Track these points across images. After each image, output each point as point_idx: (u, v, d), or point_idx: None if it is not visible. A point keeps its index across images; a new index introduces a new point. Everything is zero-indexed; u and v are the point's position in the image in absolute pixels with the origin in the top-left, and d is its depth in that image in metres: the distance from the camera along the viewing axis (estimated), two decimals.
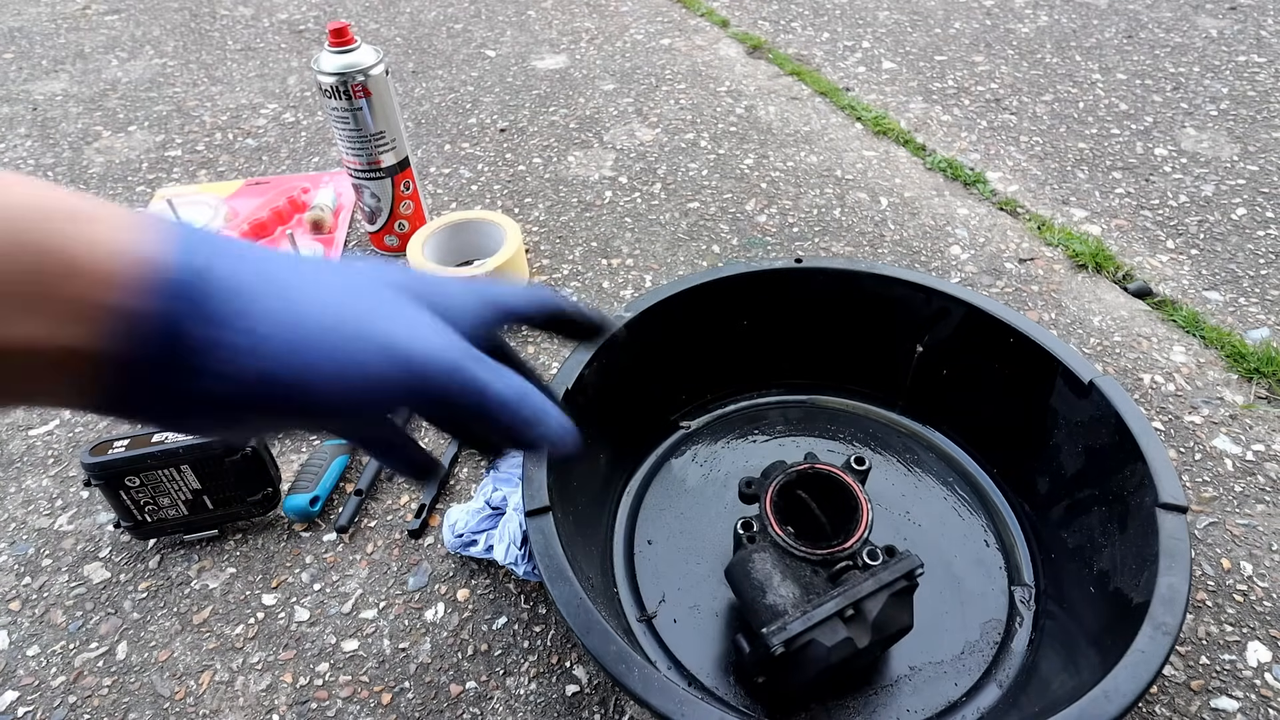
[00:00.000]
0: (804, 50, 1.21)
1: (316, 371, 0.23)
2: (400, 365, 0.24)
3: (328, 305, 0.23)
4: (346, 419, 0.25)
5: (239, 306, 0.21)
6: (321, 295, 0.23)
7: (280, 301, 0.22)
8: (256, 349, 0.22)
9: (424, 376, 0.24)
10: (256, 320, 0.22)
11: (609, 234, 0.83)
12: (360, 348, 0.23)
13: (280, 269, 0.23)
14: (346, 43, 0.69)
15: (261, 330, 0.22)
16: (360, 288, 0.25)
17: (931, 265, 0.77)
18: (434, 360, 0.25)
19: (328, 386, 0.23)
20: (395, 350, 0.24)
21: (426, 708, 0.46)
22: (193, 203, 0.86)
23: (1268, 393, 0.63)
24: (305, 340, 0.22)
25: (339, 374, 0.23)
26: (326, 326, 0.23)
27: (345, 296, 0.24)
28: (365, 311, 0.24)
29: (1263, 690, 0.45)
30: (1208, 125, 0.97)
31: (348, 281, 0.25)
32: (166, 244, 0.21)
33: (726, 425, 0.60)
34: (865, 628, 0.39)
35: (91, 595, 0.53)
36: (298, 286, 0.23)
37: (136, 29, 1.36)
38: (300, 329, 0.22)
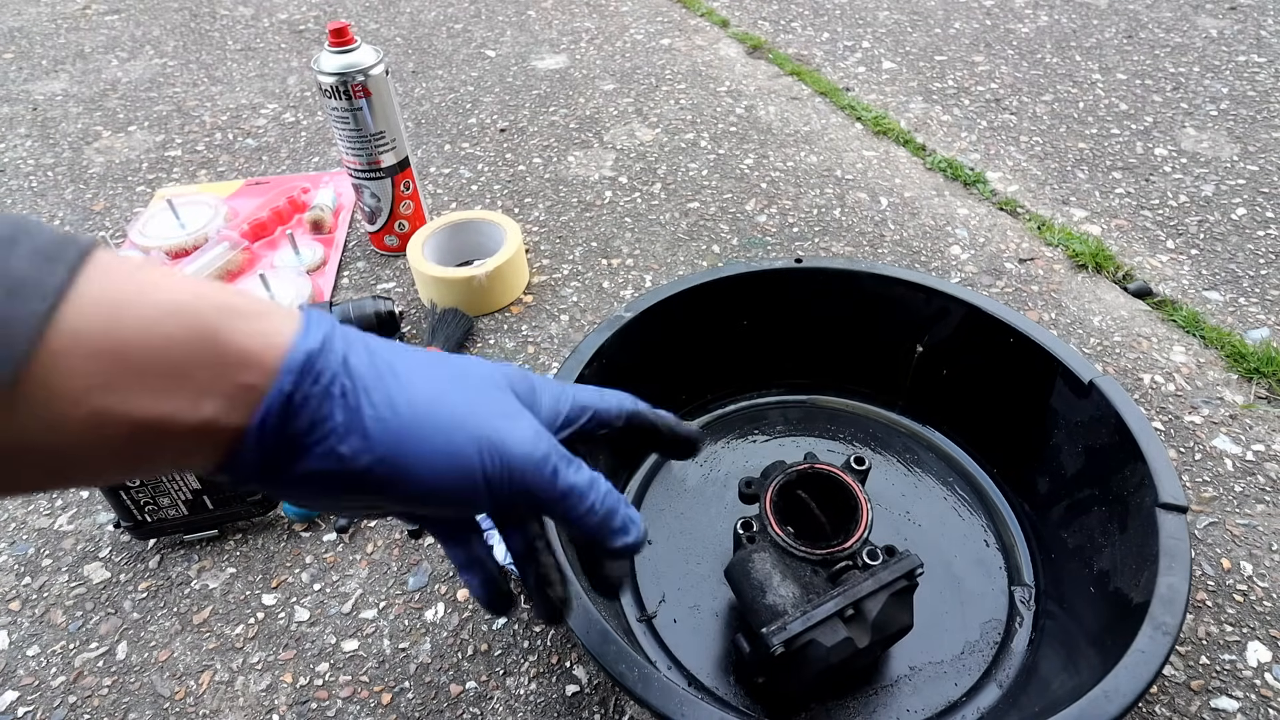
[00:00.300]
0: (804, 50, 1.21)
1: (415, 452, 0.25)
2: (494, 456, 0.26)
3: (434, 395, 0.26)
4: (439, 505, 0.27)
5: (358, 388, 0.24)
6: (430, 386, 0.26)
7: (393, 388, 0.25)
8: (365, 427, 0.24)
9: (515, 468, 0.27)
10: (370, 402, 0.25)
11: (609, 234, 0.83)
12: (458, 437, 0.26)
13: (400, 361, 0.26)
14: (346, 43, 0.69)
15: (370, 412, 0.24)
16: (466, 380, 0.27)
17: (931, 265, 0.77)
18: (527, 454, 0.27)
19: (423, 465, 0.25)
20: (490, 441, 0.26)
21: (426, 708, 0.46)
22: (193, 203, 0.86)
23: (1268, 393, 0.63)
24: (409, 423, 0.25)
25: (434, 456, 0.25)
26: (430, 414, 0.26)
27: (451, 387, 0.27)
28: (466, 403, 0.27)
29: (1263, 690, 0.45)
30: (1208, 125, 0.97)
31: (455, 373, 0.27)
32: (314, 337, 0.24)
33: (726, 425, 0.60)
34: (865, 628, 0.39)
35: (91, 595, 0.53)
36: (410, 376, 0.26)
37: (136, 29, 1.36)
38: (406, 412, 0.25)
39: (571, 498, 0.28)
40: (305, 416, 0.23)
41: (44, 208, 0.91)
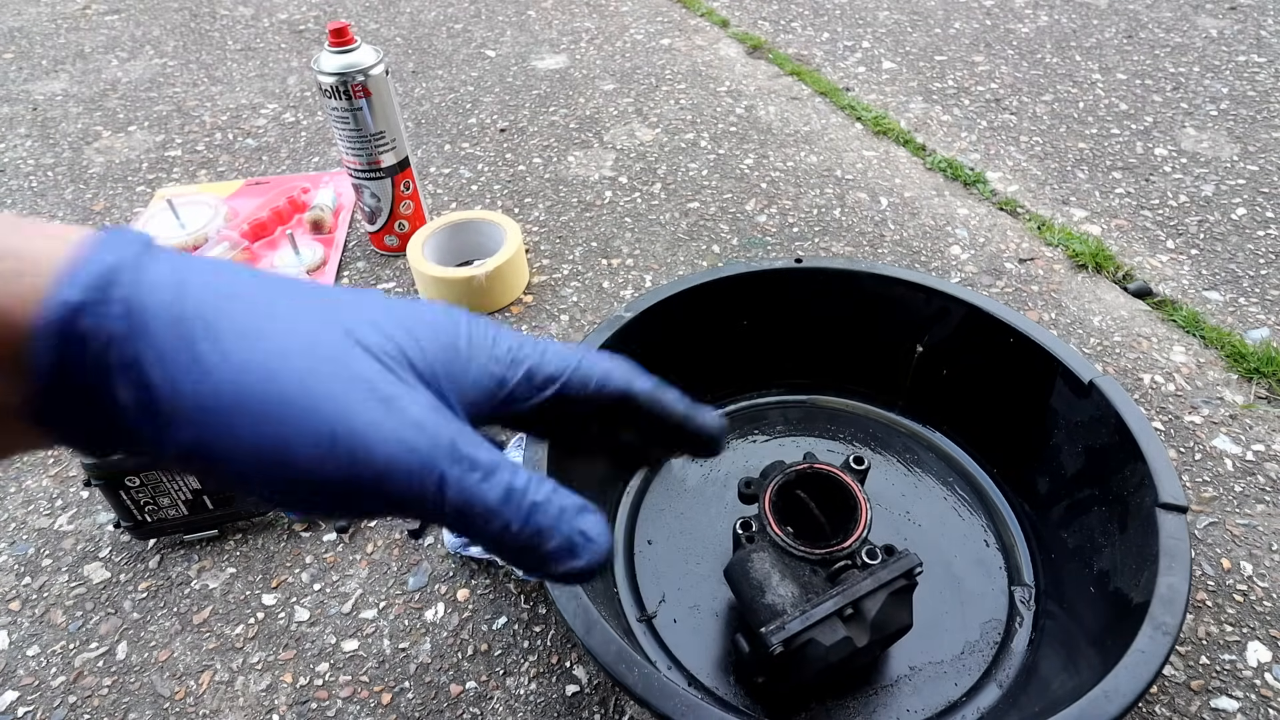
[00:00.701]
0: (804, 50, 1.21)
1: (234, 447, 0.18)
2: (343, 466, 0.19)
3: (266, 361, 0.18)
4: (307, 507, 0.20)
5: (147, 353, 0.17)
6: (264, 348, 0.18)
7: (204, 351, 0.18)
8: (158, 408, 0.18)
9: (378, 475, 0.19)
10: (164, 375, 0.18)
11: (609, 234, 0.83)
12: (291, 437, 0.18)
13: (228, 306, 0.18)
14: (346, 43, 0.69)
15: (165, 389, 0.18)
16: (326, 338, 0.19)
17: (931, 265, 0.77)
18: (391, 457, 0.19)
19: (257, 479, 0.18)
20: (337, 436, 0.18)
21: (426, 708, 0.46)
22: (193, 203, 0.86)
23: (1268, 393, 0.63)
24: (224, 404, 0.18)
25: (262, 466, 0.18)
26: (255, 391, 0.18)
27: (299, 348, 0.19)
28: (312, 373, 0.18)
29: (1263, 690, 0.45)
30: (1208, 125, 0.97)
31: (314, 325, 0.19)
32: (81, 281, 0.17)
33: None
34: (864, 627, 0.39)
35: (91, 595, 0.53)
36: (240, 329, 0.18)
37: (136, 29, 1.36)
38: (218, 388, 0.18)
39: (472, 517, 0.20)
40: (87, 398, 0.17)
41: (44, 208, 0.91)
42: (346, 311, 0.20)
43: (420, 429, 0.19)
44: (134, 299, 0.17)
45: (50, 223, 0.18)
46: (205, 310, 0.18)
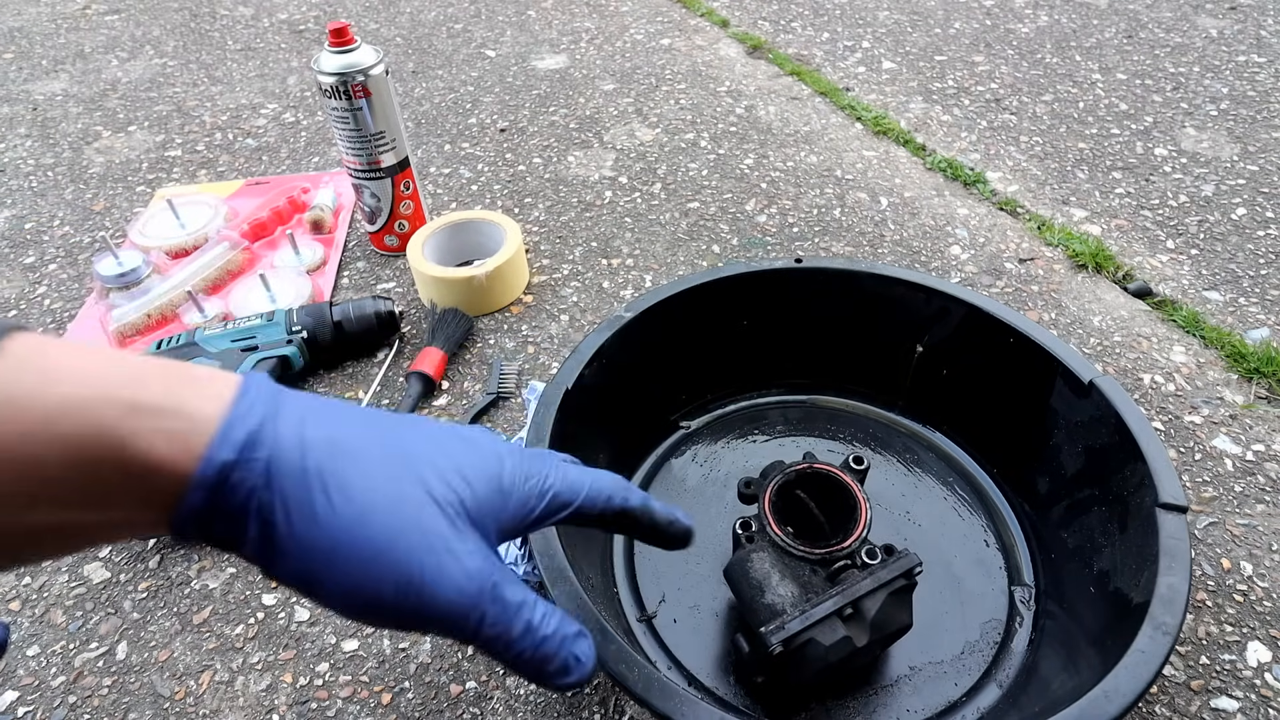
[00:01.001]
0: (804, 50, 1.21)
1: (330, 580, 0.24)
2: (411, 599, 0.24)
3: (360, 517, 0.23)
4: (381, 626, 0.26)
5: (276, 505, 0.23)
6: (360, 502, 0.24)
7: (318, 505, 0.23)
8: (279, 546, 0.23)
9: (435, 614, 0.25)
10: (287, 521, 0.23)
11: (609, 234, 0.83)
12: (377, 572, 0.24)
13: (336, 465, 0.24)
14: (346, 43, 0.69)
15: (284, 531, 0.23)
16: (403, 498, 0.24)
17: (931, 265, 0.77)
18: (450, 602, 0.25)
19: (338, 594, 0.24)
20: (410, 584, 0.24)
21: (426, 708, 0.46)
22: (193, 203, 0.86)
23: (1268, 393, 0.63)
24: (326, 550, 0.23)
25: (349, 588, 0.24)
26: (351, 541, 0.23)
27: (385, 506, 0.24)
28: (395, 530, 0.24)
29: (1263, 690, 0.45)
30: (1208, 125, 0.97)
31: (395, 486, 0.24)
32: (234, 439, 0.22)
33: (726, 425, 0.60)
34: (864, 626, 0.39)
35: (91, 595, 0.53)
36: (342, 487, 0.23)
37: (136, 29, 1.36)
38: (325, 536, 0.23)
39: (499, 644, 0.26)
40: (220, 526, 0.22)
41: (44, 208, 0.91)
42: (423, 464, 0.26)
43: (472, 578, 0.25)
44: (272, 457, 0.23)
45: (202, 373, 0.23)
46: (321, 467, 0.23)
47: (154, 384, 0.22)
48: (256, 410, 0.23)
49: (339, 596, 0.24)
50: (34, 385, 0.20)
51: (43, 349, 0.21)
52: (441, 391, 0.66)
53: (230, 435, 0.22)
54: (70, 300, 0.78)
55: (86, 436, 0.20)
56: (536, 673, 0.27)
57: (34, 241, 0.86)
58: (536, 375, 0.67)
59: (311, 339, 0.66)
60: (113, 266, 0.75)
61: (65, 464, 0.20)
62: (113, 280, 0.75)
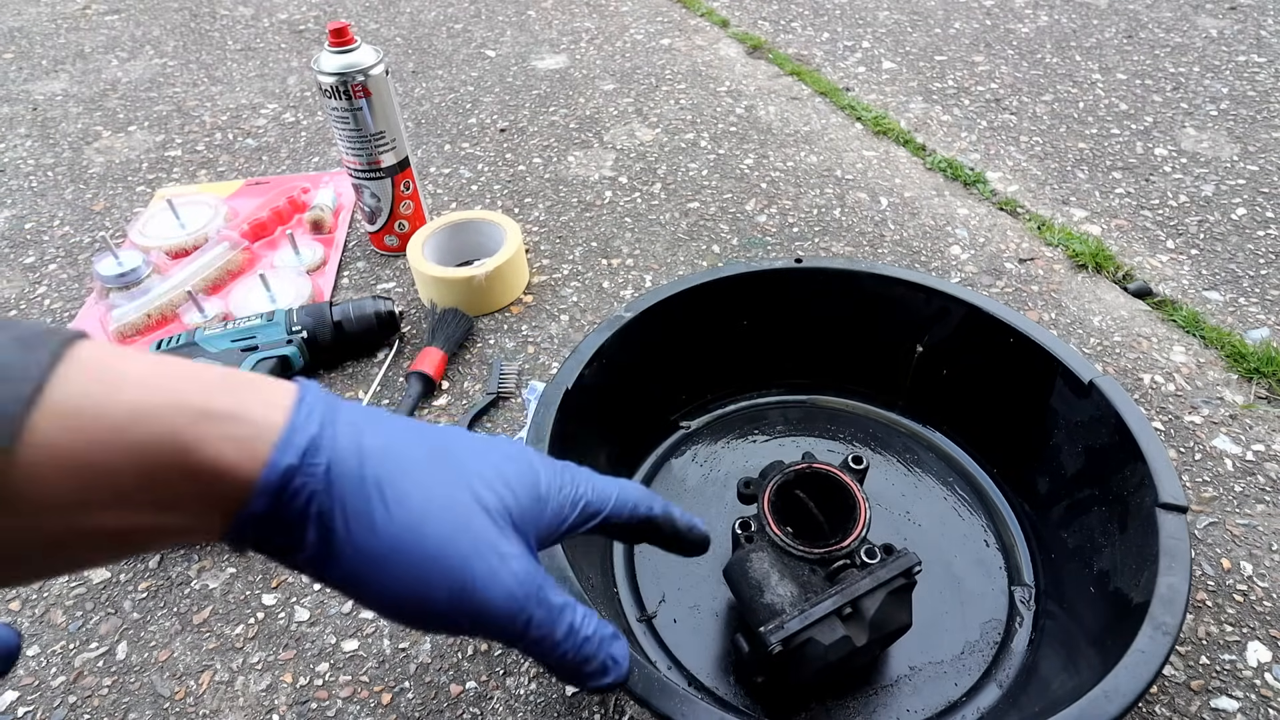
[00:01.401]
0: (804, 50, 1.21)
1: (383, 584, 0.24)
2: (464, 603, 0.25)
3: (416, 524, 0.24)
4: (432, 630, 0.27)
5: (335, 511, 0.23)
6: (416, 510, 0.24)
7: (376, 512, 0.24)
8: (337, 551, 0.24)
9: (486, 617, 0.26)
10: (345, 528, 0.24)
11: (609, 234, 0.83)
12: (431, 577, 0.25)
13: (391, 473, 0.24)
14: (346, 43, 0.69)
15: (344, 536, 0.24)
16: (455, 503, 0.25)
17: (931, 265, 0.77)
18: (501, 607, 0.26)
19: (389, 598, 0.25)
20: (463, 588, 0.25)
21: (426, 708, 0.46)
22: (193, 203, 0.86)
23: (1268, 393, 0.63)
24: (383, 555, 0.24)
25: (403, 592, 0.25)
26: (406, 548, 0.24)
27: (438, 513, 0.25)
28: (447, 537, 0.25)
29: (1263, 690, 0.45)
30: (1208, 125, 0.97)
31: (447, 491, 0.26)
32: (297, 446, 0.23)
33: (726, 425, 0.60)
34: (863, 626, 0.39)
35: (91, 595, 0.53)
36: (398, 496, 0.24)
37: (136, 29, 1.36)
38: (382, 542, 0.24)
39: (544, 645, 0.27)
40: (280, 532, 0.23)
41: (44, 208, 0.91)
42: (470, 472, 0.27)
43: (521, 582, 0.26)
44: (332, 463, 0.23)
45: (261, 380, 0.24)
46: (378, 474, 0.24)
47: (218, 390, 0.22)
48: (315, 417, 0.23)
49: (391, 599, 0.25)
50: (103, 393, 0.20)
51: (107, 356, 0.21)
52: (441, 391, 0.66)
53: (293, 440, 0.23)
54: (70, 300, 0.78)
55: (155, 443, 0.21)
56: (575, 674, 0.28)
57: (34, 241, 0.86)
58: (536, 375, 0.67)
59: (311, 339, 0.66)
60: (113, 266, 0.75)
61: (134, 470, 0.21)
62: (113, 280, 0.75)
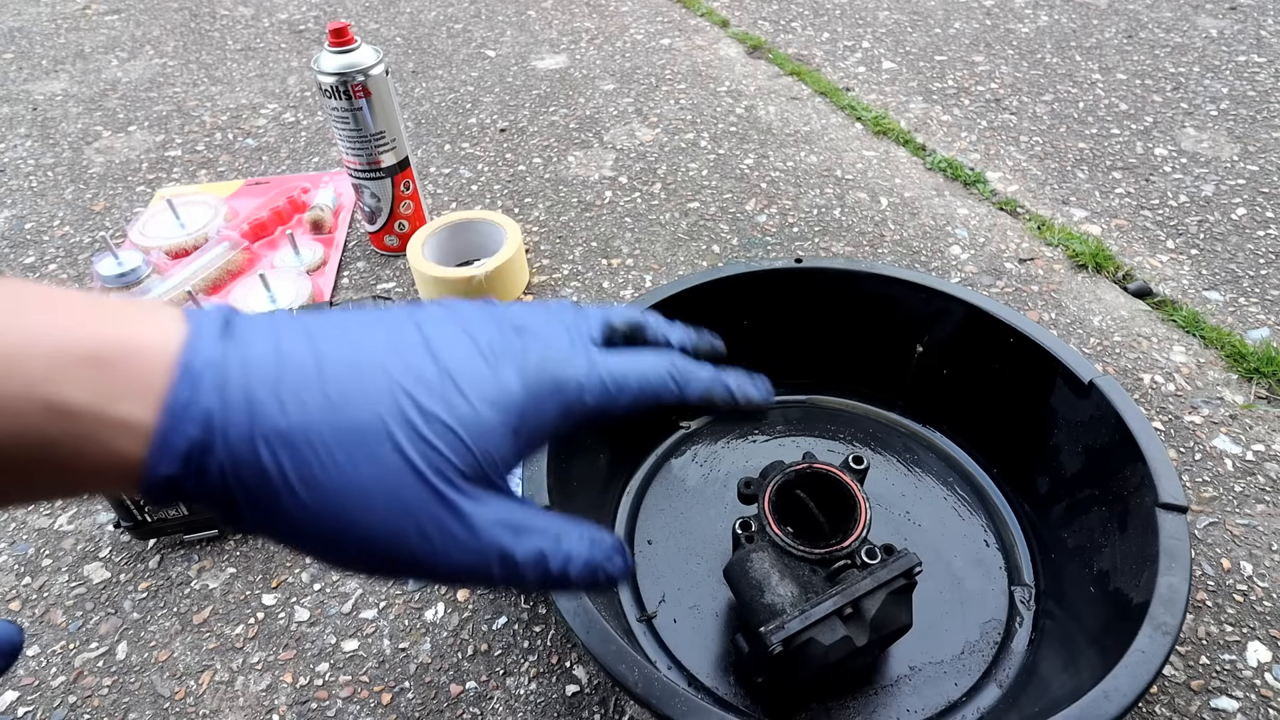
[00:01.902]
0: (804, 50, 1.21)
1: (326, 562, 0.23)
2: (416, 575, 0.23)
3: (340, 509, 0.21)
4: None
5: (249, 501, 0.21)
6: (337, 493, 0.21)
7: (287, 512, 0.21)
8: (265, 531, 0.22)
9: (444, 583, 0.24)
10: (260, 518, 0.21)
11: (609, 234, 0.83)
12: (373, 561, 0.22)
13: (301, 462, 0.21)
14: (346, 43, 0.69)
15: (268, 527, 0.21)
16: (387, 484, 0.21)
17: (931, 265, 0.77)
18: (457, 575, 0.23)
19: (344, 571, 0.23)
20: (408, 567, 0.23)
21: (426, 708, 0.46)
22: (193, 203, 0.86)
23: (1268, 393, 0.63)
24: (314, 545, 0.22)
25: (349, 569, 0.23)
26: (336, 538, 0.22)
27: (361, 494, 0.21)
28: (378, 523, 0.22)
29: (1263, 690, 0.45)
30: (1208, 125, 0.97)
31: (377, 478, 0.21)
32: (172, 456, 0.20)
33: (726, 425, 0.60)
34: (863, 626, 0.39)
35: (91, 595, 0.53)
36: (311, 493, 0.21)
37: (136, 29, 1.36)
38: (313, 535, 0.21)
39: (516, 586, 0.25)
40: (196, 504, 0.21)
41: (44, 208, 0.91)
42: (397, 424, 0.22)
43: (472, 552, 0.23)
44: (225, 467, 0.20)
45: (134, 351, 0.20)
46: (282, 464, 0.21)
47: (77, 373, 0.19)
48: (199, 405, 0.20)
49: (336, 568, 0.23)
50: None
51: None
52: None
53: (169, 445, 0.19)
54: None
55: (11, 440, 0.18)
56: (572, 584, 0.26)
57: (34, 241, 0.86)
58: None
59: None
60: (113, 266, 0.75)
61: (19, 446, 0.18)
62: (113, 280, 0.75)
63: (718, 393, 0.28)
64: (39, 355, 0.18)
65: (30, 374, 0.18)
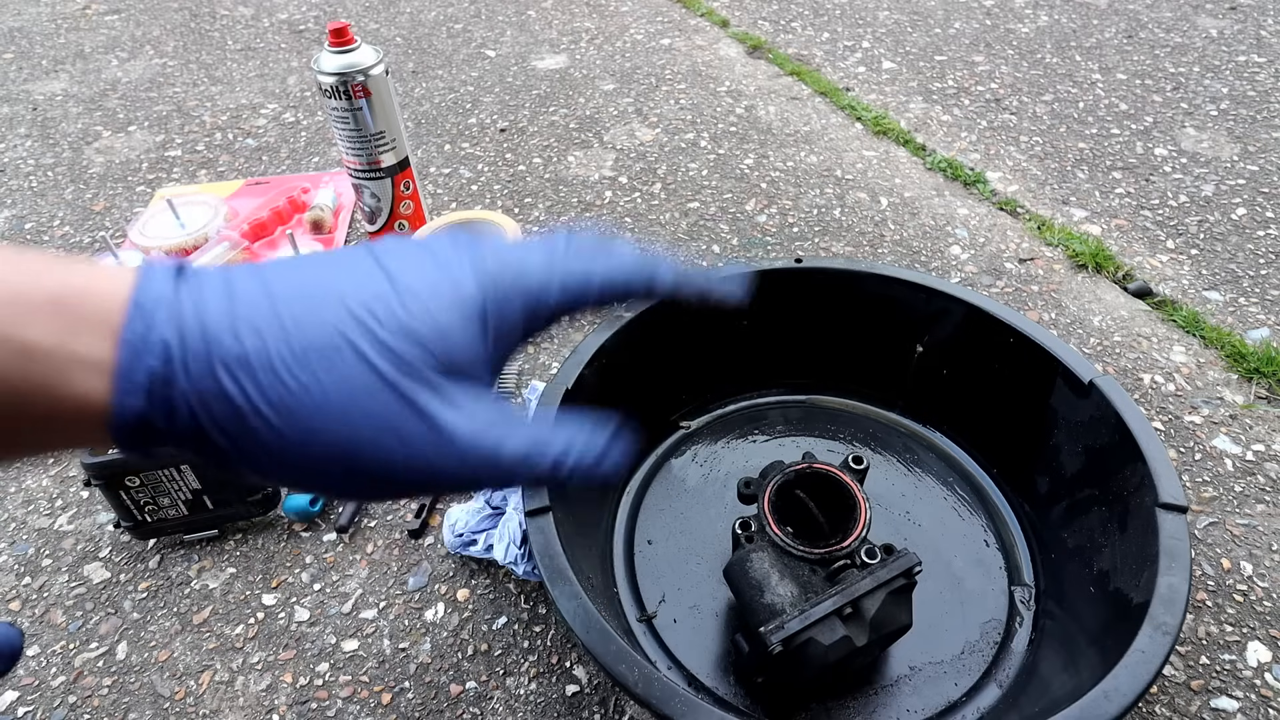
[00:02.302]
0: (804, 50, 1.21)
1: (312, 489, 0.23)
2: (401, 492, 0.23)
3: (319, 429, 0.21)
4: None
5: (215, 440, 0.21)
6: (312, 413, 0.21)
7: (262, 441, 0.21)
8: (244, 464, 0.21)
9: (436, 493, 0.23)
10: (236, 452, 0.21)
11: (609, 234, 0.83)
12: (355, 483, 0.22)
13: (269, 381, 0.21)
14: (346, 43, 0.69)
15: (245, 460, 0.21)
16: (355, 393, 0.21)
17: (931, 265, 0.77)
18: (442, 485, 0.23)
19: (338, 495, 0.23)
20: (396, 485, 0.23)
21: (426, 708, 0.46)
22: (193, 203, 0.86)
23: (1268, 393, 0.63)
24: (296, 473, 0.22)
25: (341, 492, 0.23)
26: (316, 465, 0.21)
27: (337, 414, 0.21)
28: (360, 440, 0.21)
29: (1263, 690, 0.45)
30: (1208, 125, 0.97)
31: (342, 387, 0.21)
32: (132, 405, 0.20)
33: (726, 425, 0.60)
34: (863, 626, 0.39)
35: (91, 595, 0.53)
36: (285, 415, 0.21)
37: (136, 29, 1.36)
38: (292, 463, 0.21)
39: (511, 483, 0.25)
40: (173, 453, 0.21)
41: (44, 208, 0.91)
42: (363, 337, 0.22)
43: (452, 456, 0.23)
44: (191, 396, 0.20)
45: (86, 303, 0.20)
46: (244, 388, 0.20)
47: (39, 315, 0.19)
48: (154, 336, 0.20)
49: (329, 494, 0.23)
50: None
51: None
52: None
53: (132, 379, 0.20)
54: None
55: (1, 379, 0.19)
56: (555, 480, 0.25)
57: (34, 241, 0.86)
58: (536, 375, 0.67)
59: None
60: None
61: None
62: None
63: (688, 287, 0.28)
64: (2, 301, 0.19)
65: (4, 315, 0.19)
